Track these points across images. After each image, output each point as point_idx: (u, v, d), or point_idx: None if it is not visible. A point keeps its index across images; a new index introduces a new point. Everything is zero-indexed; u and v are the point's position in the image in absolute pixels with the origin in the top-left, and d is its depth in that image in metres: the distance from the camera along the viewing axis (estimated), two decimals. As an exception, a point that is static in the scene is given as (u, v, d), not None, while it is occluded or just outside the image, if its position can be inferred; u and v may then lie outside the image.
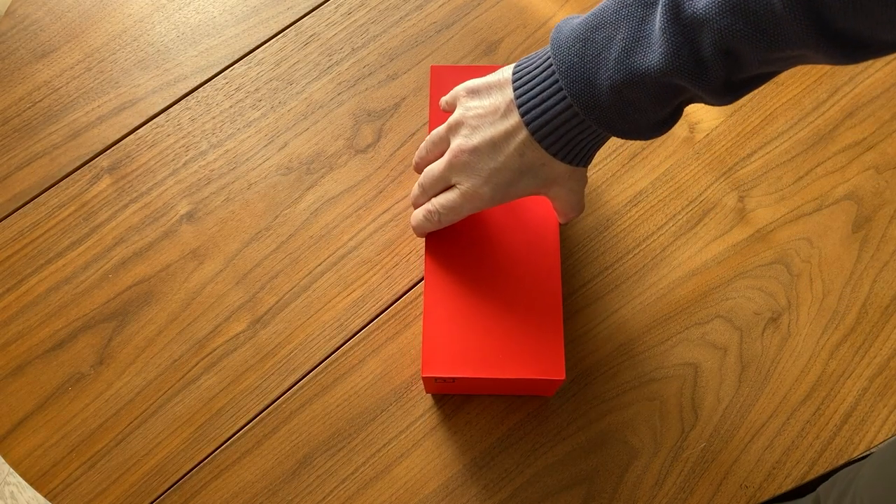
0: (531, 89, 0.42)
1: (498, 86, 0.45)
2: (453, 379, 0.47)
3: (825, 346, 0.55)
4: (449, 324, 0.48)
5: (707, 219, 0.59)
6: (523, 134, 0.43)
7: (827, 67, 0.64)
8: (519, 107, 0.43)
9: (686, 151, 0.61)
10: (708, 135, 0.62)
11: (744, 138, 0.61)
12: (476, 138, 0.45)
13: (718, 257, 0.57)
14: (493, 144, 0.44)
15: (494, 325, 0.48)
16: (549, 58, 0.42)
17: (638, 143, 0.61)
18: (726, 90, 0.36)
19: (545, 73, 0.42)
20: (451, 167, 0.46)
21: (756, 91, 0.63)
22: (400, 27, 0.66)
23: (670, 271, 0.57)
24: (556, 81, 0.41)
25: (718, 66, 0.35)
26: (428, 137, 0.50)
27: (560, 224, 0.51)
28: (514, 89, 0.43)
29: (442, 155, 0.48)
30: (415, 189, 0.51)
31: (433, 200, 0.49)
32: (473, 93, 0.46)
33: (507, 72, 0.44)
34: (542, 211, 0.52)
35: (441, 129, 0.49)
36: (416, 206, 0.51)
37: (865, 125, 0.62)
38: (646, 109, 0.39)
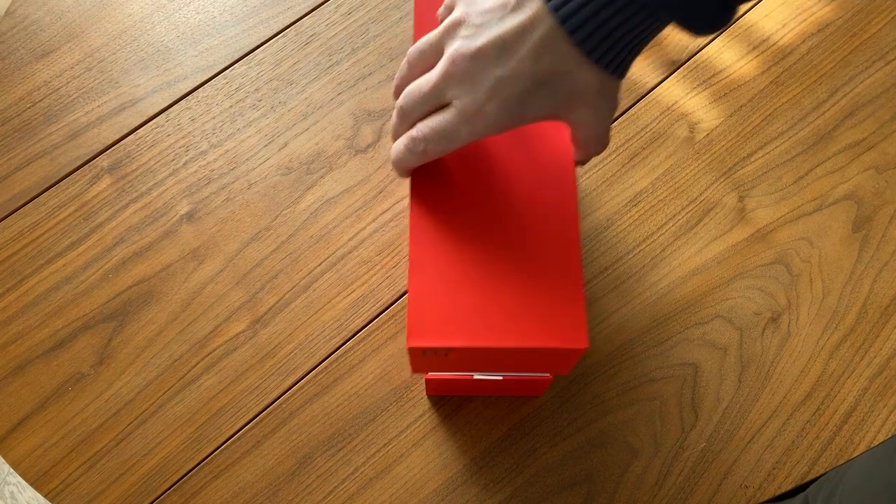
0: None
1: None
2: (446, 351, 0.38)
3: (825, 346, 0.55)
4: (440, 283, 0.39)
5: (707, 219, 0.59)
6: (543, 27, 0.34)
7: (827, 67, 0.64)
8: None
9: (686, 151, 0.61)
10: (708, 135, 0.62)
11: (744, 138, 0.61)
12: (480, 38, 0.35)
13: (718, 257, 0.57)
14: (502, 45, 0.35)
15: (497, 284, 0.39)
16: None
17: (637, 144, 0.61)
18: None
19: None
20: (447, 77, 0.36)
21: (756, 91, 0.63)
22: (400, 27, 0.65)
23: (670, 271, 0.57)
24: None
25: None
26: (412, 49, 0.39)
27: (577, 163, 0.42)
28: None
29: (423, 73, 0.39)
30: (394, 116, 0.40)
31: (420, 126, 0.38)
32: None
33: None
34: (553, 146, 0.42)
35: (433, 34, 0.38)
36: (396, 136, 0.41)
37: (865, 125, 0.62)
38: None
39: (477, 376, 0.48)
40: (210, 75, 0.64)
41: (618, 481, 0.51)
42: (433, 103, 0.38)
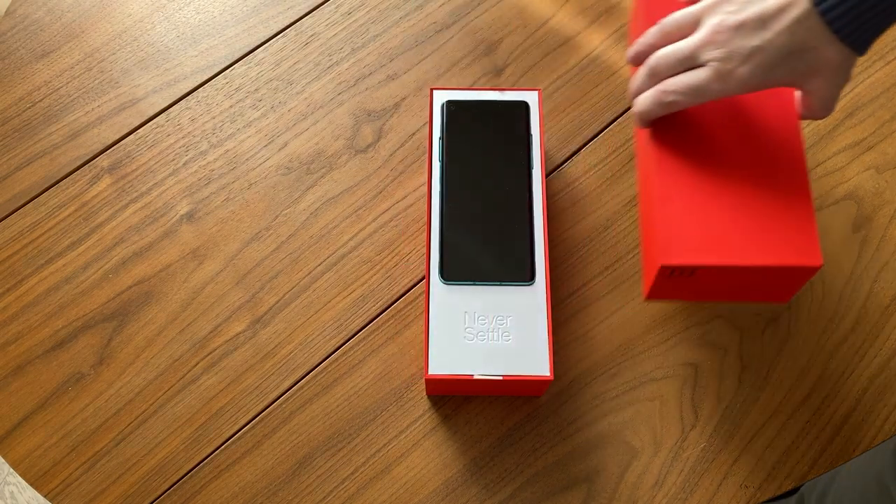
0: None
1: None
2: (693, 269, 0.43)
3: (825, 346, 0.55)
4: (685, 211, 0.44)
5: (707, 219, 0.59)
6: (800, 8, 0.40)
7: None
8: None
9: (686, 151, 0.61)
10: (708, 135, 0.62)
11: (744, 138, 0.61)
12: (744, 13, 0.41)
13: (718, 257, 0.57)
14: (762, 20, 0.41)
15: (735, 212, 0.44)
16: None
17: (636, 145, 0.61)
18: None
19: None
20: (708, 42, 0.42)
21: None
22: (400, 27, 0.66)
23: (670, 271, 0.57)
24: None
25: None
26: (668, 19, 0.46)
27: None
28: None
29: (676, 41, 0.45)
30: (640, 75, 0.46)
31: (670, 81, 0.44)
32: None
33: None
34: (777, 100, 0.48)
35: (692, 8, 0.44)
36: (639, 92, 0.47)
37: (865, 125, 0.62)
38: None
39: (477, 376, 0.48)
40: (210, 75, 0.64)
41: (618, 481, 0.51)
42: (687, 65, 0.44)
